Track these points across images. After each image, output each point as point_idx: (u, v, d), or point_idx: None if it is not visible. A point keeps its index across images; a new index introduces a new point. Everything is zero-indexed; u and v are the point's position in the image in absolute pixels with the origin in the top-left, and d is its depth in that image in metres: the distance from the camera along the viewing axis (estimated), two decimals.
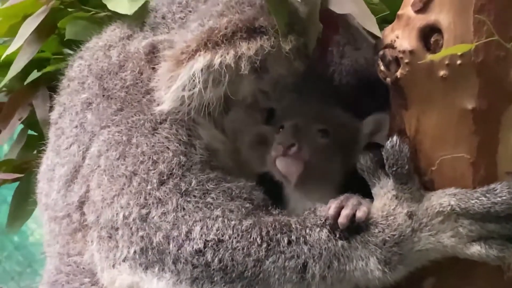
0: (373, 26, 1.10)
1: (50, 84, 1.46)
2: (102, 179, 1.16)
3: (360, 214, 1.06)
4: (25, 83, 1.54)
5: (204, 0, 1.22)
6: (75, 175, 1.21)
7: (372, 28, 1.10)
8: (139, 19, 1.29)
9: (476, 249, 1.04)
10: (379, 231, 1.07)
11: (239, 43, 1.09)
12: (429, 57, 1.01)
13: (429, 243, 1.06)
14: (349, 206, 1.07)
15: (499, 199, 1.03)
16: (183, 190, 1.12)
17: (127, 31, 1.29)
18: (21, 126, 1.60)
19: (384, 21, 1.26)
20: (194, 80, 1.08)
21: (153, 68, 1.18)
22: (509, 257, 1.03)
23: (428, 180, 1.08)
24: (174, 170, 1.13)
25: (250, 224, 1.09)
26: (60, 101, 1.31)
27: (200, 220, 1.09)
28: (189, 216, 1.10)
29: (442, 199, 1.05)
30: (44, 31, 1.45)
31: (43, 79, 1.50)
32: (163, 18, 1.26)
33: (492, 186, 1.04)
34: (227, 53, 1.08)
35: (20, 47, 1.43)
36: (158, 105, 1.14)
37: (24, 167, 1.55)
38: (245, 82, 1.13)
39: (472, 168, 1.05)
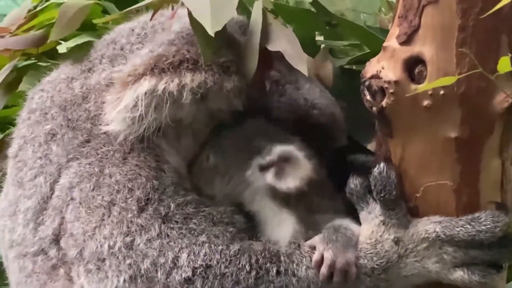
0: (301, 65, 1.13)
1: None
2: (79, 211, 1.16)
3: (351, 272, 1.08)
4: None
5: (162, 31, 1.25)
6: (44, 207, 1.21)
7: (299, 67, 1.13)
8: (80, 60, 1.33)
9: (459, 275, 1.07)
10: (368, 261, 1.09)
11: (184, 73, 1.11)
12: (418, 87, 1.04)
13: (414, 268, 1.09)
14: (338, 267, 1.08)
15: (483, 227, 1.06)
16: (163, 215, 1.13)
17: (87, 64, 1.30)
18: None
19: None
20: (137, 103, 1.10)
21: None
22: (491, 282, 1.07)
23: (413, 207, 1.11)
24: (150, 194, 1.14)
25: (238, 249, 1.11)
26: (19, 134, 1.30)
27: (186, 247, 1.11)
28: (174, 243, 1.11)
29: (427, 226, 1.09)
30: (10, 87, 1.48)
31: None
32: (122, 49, 1.28)
33: (477, 214, 1.07)
34: (172, 81, 1.11)
35: None
36: (105, 125, 1.16)
37: None
38: (185, 110, 1.14)
39: (455, 195, 1.08)
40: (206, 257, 1.10)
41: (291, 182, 1.12)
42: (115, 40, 1.30)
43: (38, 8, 1.51)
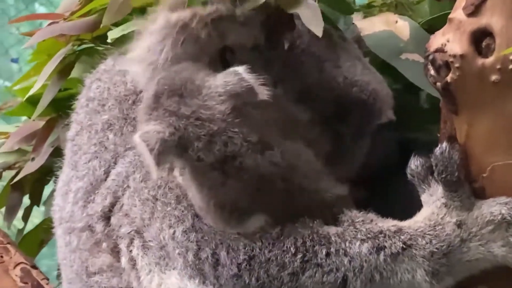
0: (317, 28, 1.11)
1: None
2: (134, 200, 1.18)
3: None
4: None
5: None
6: (95, 188, 1.23)
7: (314, 29, 1.11)
8: None
9: None
10: (427, 243, 1.06)
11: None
12: (486, 61, 1.00)
13: (478, 253, 1.05)
14: None
15: None
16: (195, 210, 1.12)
17: None
18: None
19: None
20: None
21: None
22: None
23: (478, 187, 1.07)
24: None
25: (280, 231, 1.08)
26: (77, 119, 1.34)
27: (221, 243, 1.09)
28: (209, 238, 1.10)
29: (493, 207, 1.05)
30: (64, 71, 1.52)
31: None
32: None
33: None
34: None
35: (44, 86, 1.51)
36: None
37: None
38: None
39: None
40: (246, 249, 1.08)
41: None
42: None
43: None
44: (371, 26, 1.27)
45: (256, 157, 1.06)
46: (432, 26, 1.13)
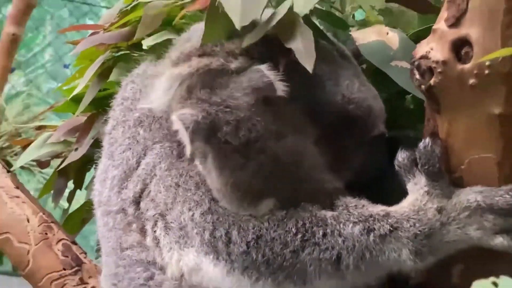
0: (308, 63, 1.08)
1: None
2: (159, 186, 1.17)
3: None
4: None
5: None
6: (128, 175, 1.22)
7: (305, 64, 1.08)
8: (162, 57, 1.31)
9: (499, 241, 1.00)
10: (411, 226, 1.03)
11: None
12: (464, 67, 0.98)
13: (456, 235, 1.02)
14: None
15: None
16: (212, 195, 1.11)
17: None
18: None
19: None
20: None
21: None
22: None
23: (457, 177, 1.05)
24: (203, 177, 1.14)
25: (285, 214, 1.07)
26: (114, 115, 1.32)
27: (234, 224, 1.08)
28: (223, 219, 1.09)
29: (469, 195, 1.02)
30: (103, 74, 1.52)
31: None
32: None
33: None
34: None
35: (86, 87, 1.51)
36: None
37: None
38: None
39: (498, 168, 1.02)
40: (255, 229, 1.07)
41: None
42: (190, 38, 1.26)
43: (128, 8, 1.51)
44: (365, 37, 1.25)
45: (273, 144, 1.06)
46: (419, 37, 1.11)
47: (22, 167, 2.48)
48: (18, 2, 3.04)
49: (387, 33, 1.25)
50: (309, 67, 1.07)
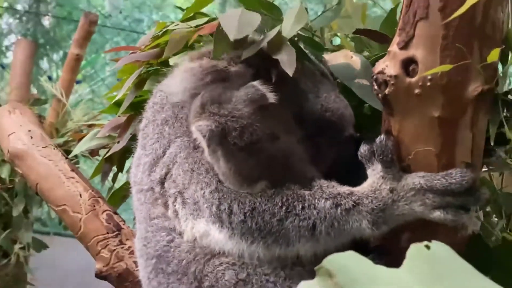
0: (289, 70, 1.09)
1: None
2: (179, 171, 1.16)
3: None
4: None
5: None
6: (156, 162, 1.22)
7: (287, 70, 1.09)
8: None
9: (437, 214, 1.00)
10: (369, 202, 1.03)
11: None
12: (411, 80, 0.98)
13: (404, 209, 1.02)
14: None
15: (453, 180, 0.99)
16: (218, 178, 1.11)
17: None
18: None
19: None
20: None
21: None
22: (460, 220, 1.00)
23: (406, 165, 1.04)
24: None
25: (274, 191, 1.07)
26: (146, 115, 1.31)
27: (235, 199, 1.08)
28: (227, 196, 1.08)
29: (414, 179, 1.02)
30: (138, 84, 1.52)
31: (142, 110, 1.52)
32: None
33: (450, 171, 1.00)
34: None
35: (126, 94, 1.51)
36: None
37: None
38: None
39: (437, 158, 1.02)
40: (250, 202, 1.06)
41: None
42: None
43: (159, 34, 1.51)
44: (335, 59, 1.25)
45: (269, 144, 1.06)
46: (378, 59, 1.10)
47: (82, 155, 2.51)
48: (80, 29, 3.07)
49: (352, 57, 1.26)
50: (290, 72, 1.08)
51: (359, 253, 0.62)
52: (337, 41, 1.52)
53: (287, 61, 1.10)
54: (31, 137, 1.87)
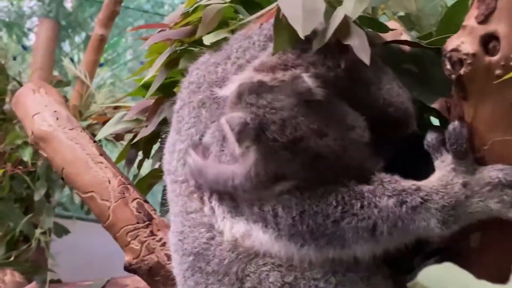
0: (365, 56, 0.93)
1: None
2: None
3: None
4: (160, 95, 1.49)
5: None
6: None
7: (362, 57, 0.94)
8: (222, 49, 1.18)
9: None
10: (439, 198, 0.90)
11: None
12: (492, 59, 0.84)
13: (478, 207, 0.89)
14: None
15: None
16: None
17: (227, 53, 1.16)
18: None
19: None
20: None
21: None
22: None
23: (480, 157, 0.91)
24: None
25: (324, 190, 0.93)
26: (181, 96, 1.19)
27: (278, 203, 0.95)
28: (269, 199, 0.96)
29: (491, 172, 0.89)
30: (169, 64, 1.39)
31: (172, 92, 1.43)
32: (253, 44, 1.12)
33: None
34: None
35: (154, 75, 1.39)
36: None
37: None
38: None
39: None
40: (298, 206, 0.93)
41: None
42: (250, 36, 1.13)
43: (189, 10, 1.38)
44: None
45: (316, 141, 0.91)
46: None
47: (105, 139, 2.41)
48: (105, 9, 2.99)
49: (401, 34, 1.11)
50: (366, 60, 0.93)
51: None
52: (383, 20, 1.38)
53: (359, 46, 0.94)
54: (57, 119, 1.73)
